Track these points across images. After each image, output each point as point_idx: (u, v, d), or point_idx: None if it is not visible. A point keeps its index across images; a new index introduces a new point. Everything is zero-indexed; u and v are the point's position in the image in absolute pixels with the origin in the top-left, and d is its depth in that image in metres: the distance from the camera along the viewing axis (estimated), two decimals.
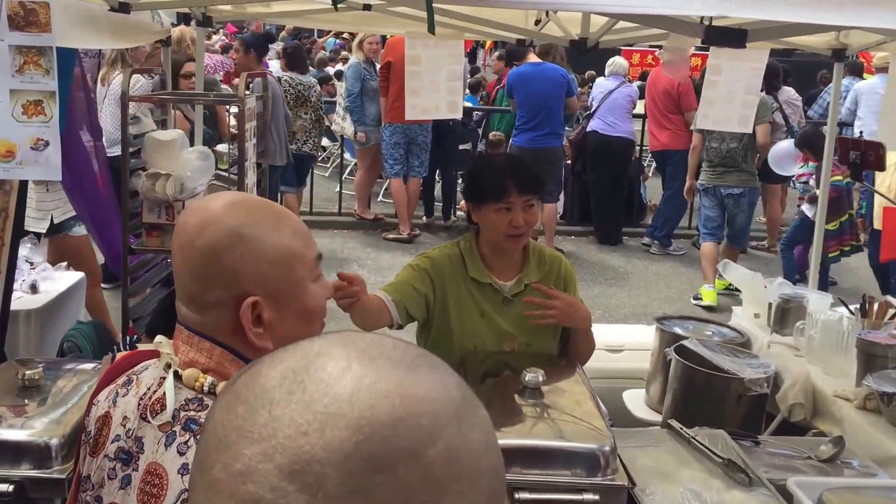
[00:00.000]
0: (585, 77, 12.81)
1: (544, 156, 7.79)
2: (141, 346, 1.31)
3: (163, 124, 4.50)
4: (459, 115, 5.60)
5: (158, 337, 1.38)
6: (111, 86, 5.93)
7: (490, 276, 2.95)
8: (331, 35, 16.54)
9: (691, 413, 3.12)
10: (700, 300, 7.39)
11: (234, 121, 5.90)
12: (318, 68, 12.31)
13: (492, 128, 9.98)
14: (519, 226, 2.81)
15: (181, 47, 6.68)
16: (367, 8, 3.84)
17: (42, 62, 2.72)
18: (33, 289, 4.19)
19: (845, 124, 9.30)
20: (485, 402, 2.38)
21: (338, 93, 9.98)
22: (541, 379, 2.57)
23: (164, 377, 1.33)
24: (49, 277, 4.36)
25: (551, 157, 8.08)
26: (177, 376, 1.32)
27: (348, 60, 10.04)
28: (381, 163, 9.05)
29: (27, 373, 2.65)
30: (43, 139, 2.78)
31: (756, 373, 3.24)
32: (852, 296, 5.06)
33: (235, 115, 4.91)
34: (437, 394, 0.62)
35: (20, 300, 4.01)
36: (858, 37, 4.33)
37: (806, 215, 7.03)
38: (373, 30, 7.53)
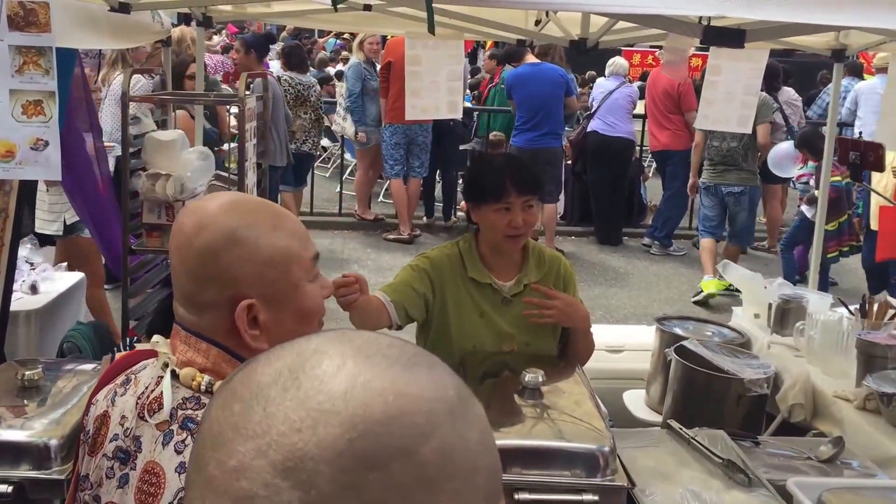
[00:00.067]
0: (586, 77, 12.80)
1: (543, 156, 7.78)
2: (139, 346, 1.31)
3: (163, 124, 4.50)
4: (460, 116, 5.61)
5: (155, 336, 1.38)
6: (111, 86, 5.94)
7: (489, 276, 2.94)
8: (331, 35, 16.53)
9: (691, 413, 3.12)
10: (700, 293, 7.41)
11: (234, 121, 5.91)
12: (318, 68, 12.31)
13: (482, 127, 10.01)
14: (518, 226, 2.81)
15: (181, 47, 6.68)
16: (367, 8, 3.84)
17: (42, 62, 2.72)
18: (33, 289, 4.19)
19: (845, 124, 9.30)
20: (484, 402, 2.38)
21: (338, 93, 9.98)
22: (540, 379, 2.57)
23: (161, 376, 1.33)
24: (49, 278, 4.36)
25: (550, 157, 8.07)
26: (174, 375, 1.32)
27: (348, 61, 10.04)
28: (381, 163, 9.05)
29: (27, 373, 2.65)
30: (43, 139, 2.79)
31: (756, 373, 3.24)
32: (852, 296, 5.05)
33: (236, 115, 4.91)
34: (432, 392, 0.62)
35: (20, 301, 4.01)
36: (858, 37, 4.33)
37: (805, 216, 7.03)
38: (373, 30, 7.54)
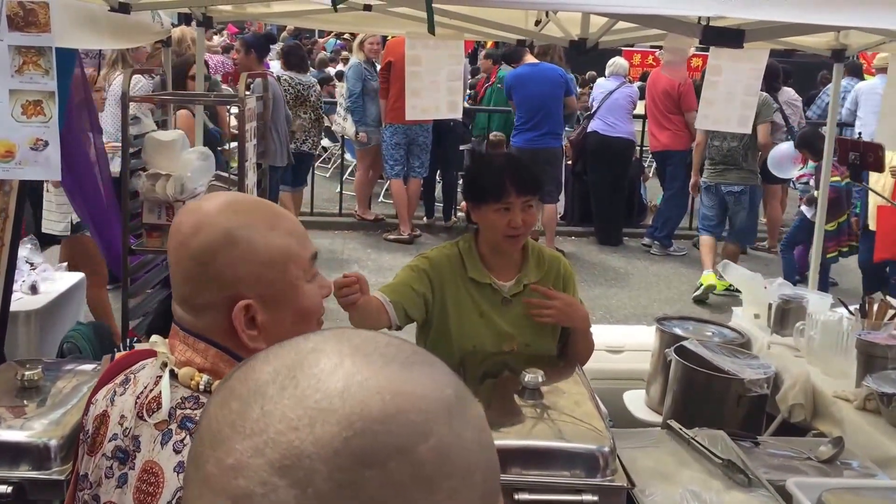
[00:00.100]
0: (586, 78, 12.79)
1: (543, 156, 7.77)
2: (138, 346, 1.31)
3: (163, 125, 4.50)
4: (460, 116, 5.61)
5: (153, 336, 1.38)
6: (112, 86, 5.93)
7: (489, 276, 2.94)
8: (332, 36, 16.53)
9: (691, 414, 3.12)
10: (700, 287, 7.47)
11: (234, 121, 5.91)
12: (318, 69, 12.31)
13: (479, 127, 10.02)
14: (517, 226, 2.81)
15: (182, 48, 6.68)
16: (367, 8, 3.84)
17: (41, 62, 2.72)
18: (33, 290, 4.19)
19: (846, 125, 9.30)
20: (484, 402, 2.36)
21: (338, 93, 9.98)
22: (540, 379, 2.57)
23: (160, 376, 1.33)
24: (49, 278, 4.35)
25: (550, 157, 8.06)
26: (173, 375, 1.32)
27: (349, 61, 10.04)
28: (381, 163, 9.05)
29: (26, 374, 2.64)
30: (42, 139, 2.79)
31: (756, 373, 3.24)
32: (852, 296, 5.06)
33: (236, 115, 4.91)
34: (429, 391, 0.62)
35: (20, 301, 4.00)
36: (858, 37, 4.33)
37: (805, 216, 7.04)
38: (373, 30, 7.53)
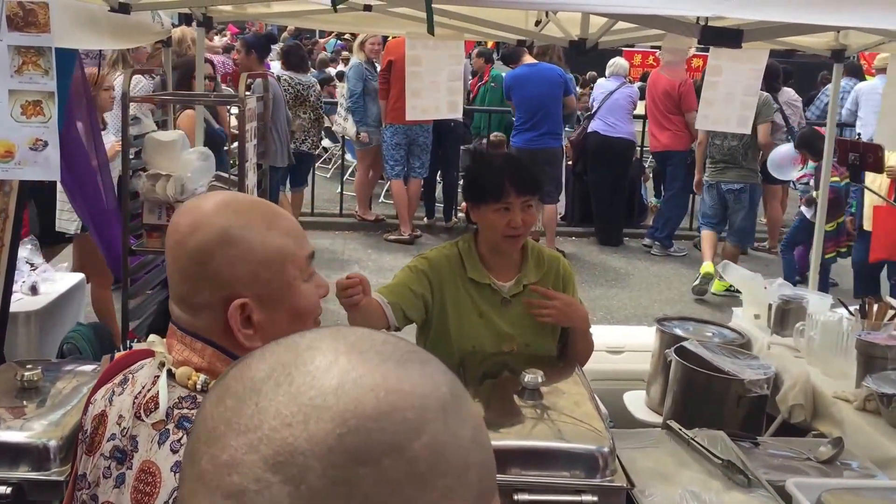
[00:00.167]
0: (586, 78, 12.79)
1: (542, 156, 7.77)
2: (136, 346, 1.31)
3: (163, 125, 4.50)
4: (460, 116, 5.61)
5: (151, 336, 1.38)
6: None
7: (489, 276, 2.94)
8: (332, 36, 16.53)
9: (691, 414, 3.12)
10: (699, 277, 7.58)
11: (235, 121, 5.91)
12: (319, 69, 12.32)
13: (475, 127, 10.04)
14: (517, 226, 2.81)
15: (182, 48, 6.68)
16: (367, 9, 3.84)
17: (41, 62, 2.73)
18: (33, 290, 4.19)
19: (846, 125, 9.29)
20: (484, 402, 2.37)
21: (339, 94, 9.98)
22: (540, 380, 2.57)
23: (157, 376, 1.33)
24: (49, 279, 4.36)
25: (549, 157, 8.05)
26: (170, 375, 1.32)
27: (349, 61, 10.04)
28: (382, 164, 9.05)
29: (26, 374, 2.64)
30: (42, 139, 2.79)
31: (756, 374, 3.24)
32: (852, 297, 5.06)
33: (236, 115, 4.91)
34: (424, 389, 0.62)
35: (20, 302, 4.01)
36: (857, 37, 4.33)
37: (805, 216, 7.04)
38: (373, 30, 7.53)
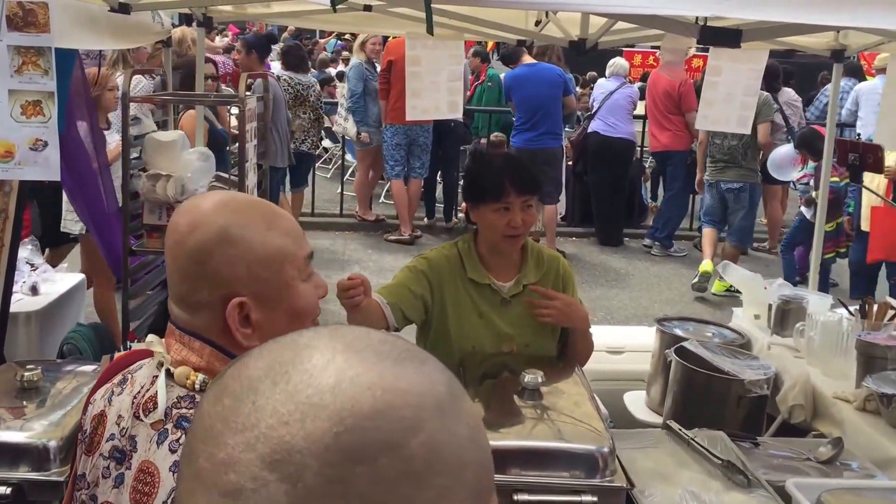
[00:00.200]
0: (587, 78, 12.79)
1: (541, 156, 7.76)
2: (134, 346, 1.32)
3: (164, 125, 4.50)
4: (460, 116, 5.60)
5: (150, 336, 1.39)
6: None
7: (488, 276, 2.93)
8: (333, 36, 16.53)
9: (692, 415, 3.12)
10: (697, 274, 7.63)
11: (235, 121, 5.90)
12: (319, 69, 12.31)
13: (472, 127, 10.07)
14: (517, 226, 2.81)
15: (182, 48, 6.68)
16: (367, 9, 3.84)
17: (41, 62, 2.73)
18: (33, 290, 4.19)
19: (846, 125, 9.29)
20: (484, 403, 2.36)
21: (339, 94, 9.97)
22: (540, 380, 2.57)
23: (156, 375, 1.33)
24: (49, 279, 4.36)
25: (549, 157, 8.04)
26: (169, 374, 1.32)
27: (349, 61, 10.04)
28: (382, 164, 9.05)
29: (26, 374, 2.64)
30: (42, 139, 2.79)
31: (756, 374, 3.24)
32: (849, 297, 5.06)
33: (236, 116, 4.91)
34: (421, 387, 0.62)
35: (20, 302, 4.01)
36: (857, 38, 4.32)
37: (805, 217, 7.04)
38: (373, 30, 7.53)
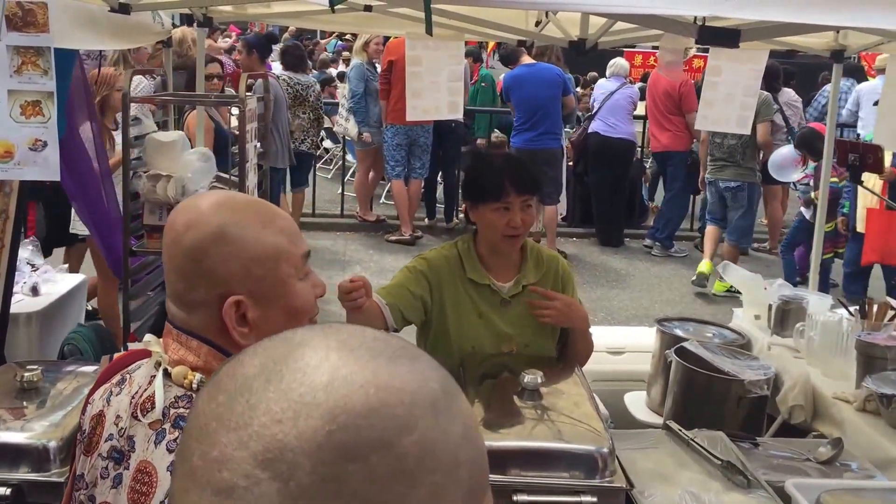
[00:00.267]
0: (588, 79, 12.79)
1: (541, 157, 7.75)
2: (132, 346, 1.32)
3: (164, 125, 4.50)
4: (461, 116, 5.60)
5: (147, 335, 1.39)
6: None
7: (488, 277, 2.93)
8: (333, 36, 16.53)
9: (692, 415, 3.12)
10: (696, 273, 7.74)
11: (235, 122, 5.90)
12: (320, 70, 12.32)
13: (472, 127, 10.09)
14: (517, 226, 2.81)
15: (183, 48, 6.68)
16: (367, 9, 3.85)
17: (40, 63, 2.73)
18: (34, 291, 4.18)
19: (847, 125, 9.28)
20: (484, 403, 2.35)
21: (340, 94, 9.97)
22: (539, 380, 2.57)
23: (154, 375, 1.33)
24: (50, 280, 4.35)
25: (549, 157, 8.04)
26: (166, 374, 1.32)
27: (350, 62, 10.04)
28: (382, 164, 9.05)
29: (26, 375, 2.63)
30: (41, 140, 2.79)
31: (756, 374, 3.24)
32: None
33: (237, 116, 4.91)
34: (414, 385, 0.62)
35: (21, 303, 4.00)
36: (857, 38, 4.32)
37: (805, 217, 7.04)
38: (373, 31, 7.53)
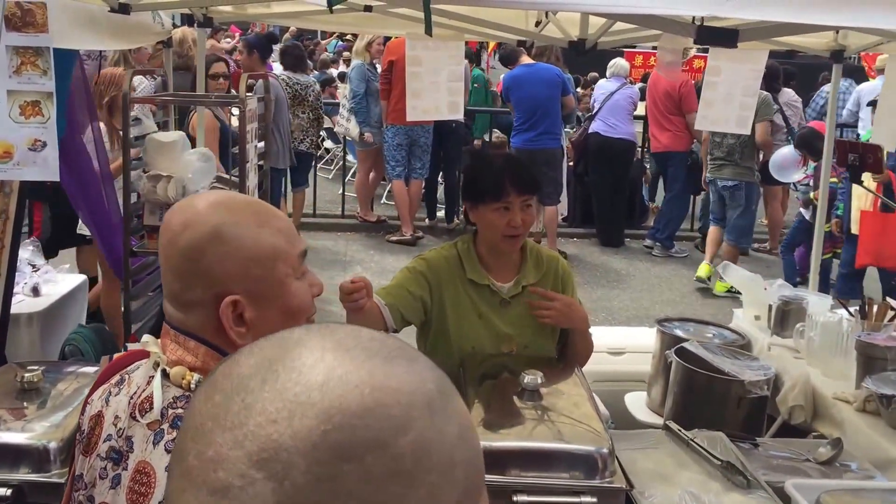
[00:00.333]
0: (588, 79, 12.79)
1: (541, 157, 7.76)
2: (130, 347, 1.32)
3: (164, 126, 4.50)
4: (461, 117, 5.60)
5: (145, 336, 1.39)
6: None
7: (488, 277, 2.93)
8: (334, 37, 16.53)
9: (692, 415, 3.12)
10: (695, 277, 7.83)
11: (236, 122, 5.90)
12: (320, 70, 12.32)
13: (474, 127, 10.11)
14: (517, 226, 2.80)
15: (183, 48, 6.68)
16: (367, 9, 3.85)
17: (39, 63, 2.73)
18: (35, 292, 4.18)
19: (847, 126, 9.28)
20: (483, 404, 2.35)
21: (341, 94, 9.97)
22: (539, 381, 2.57)
23: (152, 376, 1.33)
24: (51, 280, 4.35)
25: (548, 158, 8.04)
26: (165, 374, 1.32)
27: (350, 62, 10.03)
28: (383, 165, 9.05)
29: (26, 375, 2.63)
30: (40, 140, 2.79)
31: (756, 375, 3.24)
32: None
33: (237, 116, 4.91)
34: (410, 385, 0.62)
35: (21, 303, 4.00)
36: (857, 38, 4.32)
37: (804, 217, 7.04)
38: (373, 31, 7.53)
